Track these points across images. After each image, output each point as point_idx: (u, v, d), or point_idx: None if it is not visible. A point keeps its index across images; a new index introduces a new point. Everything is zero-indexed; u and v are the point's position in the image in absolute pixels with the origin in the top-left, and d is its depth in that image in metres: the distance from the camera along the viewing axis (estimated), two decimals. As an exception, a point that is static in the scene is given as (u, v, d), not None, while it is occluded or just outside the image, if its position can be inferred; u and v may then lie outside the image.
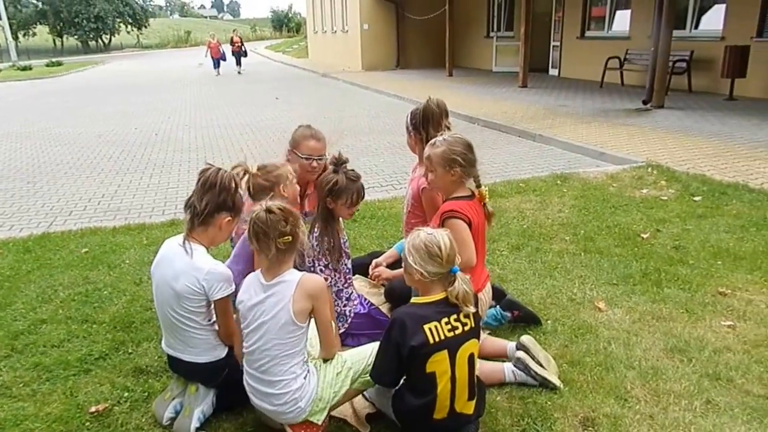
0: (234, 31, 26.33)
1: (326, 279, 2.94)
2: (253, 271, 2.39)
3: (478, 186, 2.80)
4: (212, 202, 2.43)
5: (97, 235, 4.93)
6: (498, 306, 3.22)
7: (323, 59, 27.88)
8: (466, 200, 2.73)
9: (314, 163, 3.30)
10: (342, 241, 3.05)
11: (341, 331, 2.98)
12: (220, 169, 2.50)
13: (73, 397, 2.73)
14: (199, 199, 2.43)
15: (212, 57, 23.70)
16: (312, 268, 2.97)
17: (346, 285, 3.09)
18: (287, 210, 2.23)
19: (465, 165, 2.70)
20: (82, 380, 2.85)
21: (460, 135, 2.80)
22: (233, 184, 2.49)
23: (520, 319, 3.21)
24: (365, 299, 3.22)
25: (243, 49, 24.58)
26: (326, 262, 2.99)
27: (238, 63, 24.28)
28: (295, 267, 2.36)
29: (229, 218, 2.49)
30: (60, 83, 23.93)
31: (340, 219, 3.08)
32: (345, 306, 3.06)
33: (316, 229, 2.98)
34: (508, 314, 3.19)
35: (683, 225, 4.67)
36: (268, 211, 2.20)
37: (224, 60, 23.86)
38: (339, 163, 2.98)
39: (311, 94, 16.32)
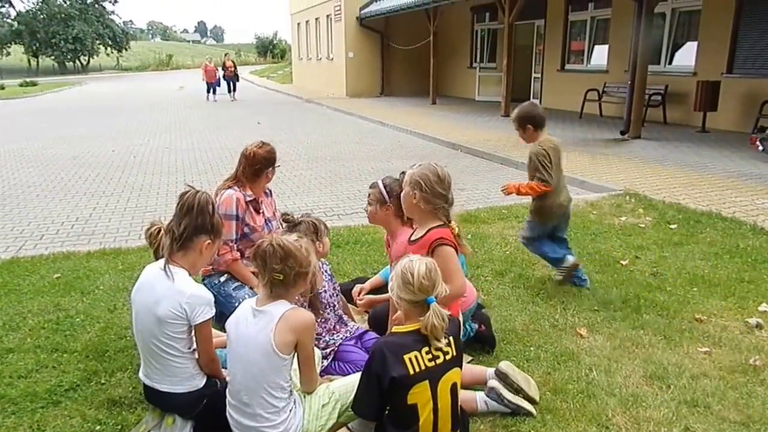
0: (226, 54, 25.06)
1: None
2: None
3: (449, 221, 2.78)
4: (190, 226, 2.39)
5: (69, 260, 4.80)
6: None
7: (308, 85, 28.09)
8: (442, 228, 2.72)
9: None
10: (323, 293, 3.05)
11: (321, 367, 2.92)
12: (198, 191, 2.46)
13: (40, 431, 2.62)
14: (178, 223, 2.39)
15: (207, 81, 22.20)
16: None
17: (325, 331, 3.05)
18: (290, 251, 2.20)
19: (427, 192, 2.67)
20: (51, 413, 2.73)
21: (441, 167, 2.78)
22: (211, 207, 2.45)
23: (481, 336, 3.21)
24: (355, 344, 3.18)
25: (236, 73, 22.89)
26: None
27: (232, 89, 22.55)
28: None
29: (209, 241, 2.45)
30: (34, 104, 23.64)
31: (323, 271, 3.08)
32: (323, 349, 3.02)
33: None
34: (476, 325, 3.19)
35: (660, 252, 4.73)
36: (270, 243, 2.20)
37: (219, 86, 22.39)
38: (288, 221, 3.06)
39: (295, 119, 16.36)
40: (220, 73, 22.60)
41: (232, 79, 22.55)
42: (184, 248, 2.41)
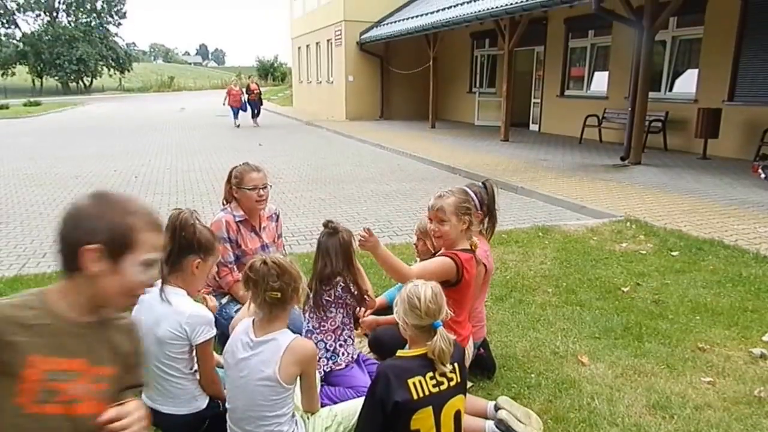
0: (250, 77, 24.25)
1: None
2: None
3: (470, 237, 2.82)
4: (176, 247, 2.42)
5: (72, 279, 4.80)
6: None
7: (308, 108, 28.30)
8: (469, 254, 2.75)
9: (260, 192, 3.45)
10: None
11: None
12: (180, 211, 2.47)
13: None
14: (165, 246, 2.41)
15: (231, 105, 20.58)
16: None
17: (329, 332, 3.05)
18: (284, 268, 2.20)
19: (470, 214, 2.74)
20: None
21: (462, 187, 2.85)
22: (191, 226, 2.45)
23: (480, 359, 3.19)
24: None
25: (260, 97, 21.47)
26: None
27: (256, 113, 21.09)
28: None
29: (199, 260, 2.45)
30: (37, 123, 23.73)
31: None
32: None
33: (341, 283, 2.94)
34: (474, 350, 3.17)
35: (662, 279, 4.73)
36: (264, 262, 2.19)
37: (244, 110, 20.87)
38: (329, 225, 2.98)
39: (295, 141, 16.46)
40: (245, 96, 21.10)
41: (256, 103, 21.20)
42: (176, 270, 2.43)
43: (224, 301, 3.43)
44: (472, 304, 2.94)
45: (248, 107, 21.04)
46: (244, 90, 21.30)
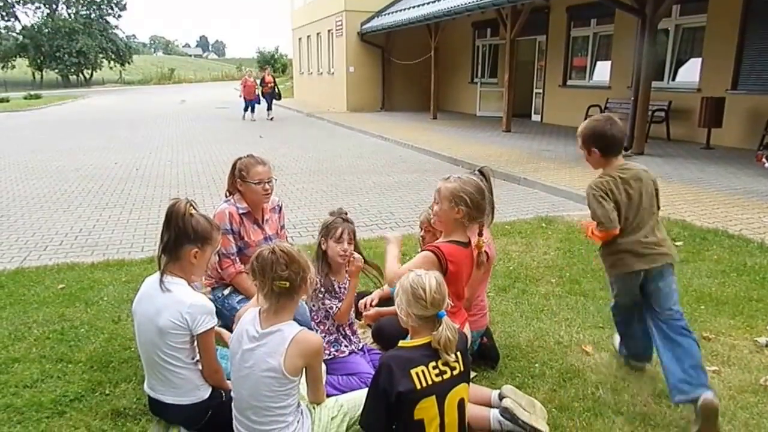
0: (266, 69, 23.57)
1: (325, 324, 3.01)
2: None
3: (480, 234, 2.79)
4: (172, 237, 2.41)
5: (74, 271, 4.80)
6: None
7: (309, 99, 28.25)
8: (460, 246, 2.70)
9: (266, 186, 3.44)
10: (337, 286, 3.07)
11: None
12: (176, 201, 2.46)
13: (45, 441, 2.59)
14: (162, 235, 2.43)
15: (245, 98, 19.52)
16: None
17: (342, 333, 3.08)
18: (292, 256, 2.18)
19: (471, 207, 2.66)
20: (56, 423, 2.71)
21: (477, 179, 2.78)
22: (185, 214, 2.43)
23: (484, 349, 3.19)
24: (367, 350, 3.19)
25: (276, 90, 20.39)
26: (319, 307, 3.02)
27: (269, 107, 20.15)
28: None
29: (196, 249, 2.43)
30: (38, 116, 23.66)
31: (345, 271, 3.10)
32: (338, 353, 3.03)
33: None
34: (478, 340, 3.17)
35: (666, 269, 4.70)
36: (272, 251, 2.17)
37: (259, 103, 19.82)
38: (338, 212, 3.08)
39: (296, 133, 16.43)
40: (259, 89, 20.02)
41: (271, 95, 20.08)
42: (174, 259, 2.42)
43: (226, 292, 3.43)
44: (471, 293, 2.92)
45: (261, 100, 20.02)
46: (258, 82, 20.24)
